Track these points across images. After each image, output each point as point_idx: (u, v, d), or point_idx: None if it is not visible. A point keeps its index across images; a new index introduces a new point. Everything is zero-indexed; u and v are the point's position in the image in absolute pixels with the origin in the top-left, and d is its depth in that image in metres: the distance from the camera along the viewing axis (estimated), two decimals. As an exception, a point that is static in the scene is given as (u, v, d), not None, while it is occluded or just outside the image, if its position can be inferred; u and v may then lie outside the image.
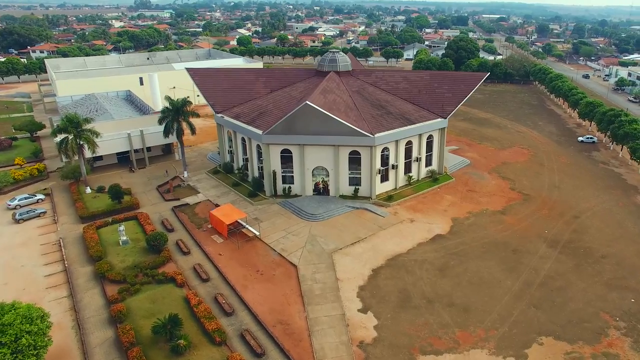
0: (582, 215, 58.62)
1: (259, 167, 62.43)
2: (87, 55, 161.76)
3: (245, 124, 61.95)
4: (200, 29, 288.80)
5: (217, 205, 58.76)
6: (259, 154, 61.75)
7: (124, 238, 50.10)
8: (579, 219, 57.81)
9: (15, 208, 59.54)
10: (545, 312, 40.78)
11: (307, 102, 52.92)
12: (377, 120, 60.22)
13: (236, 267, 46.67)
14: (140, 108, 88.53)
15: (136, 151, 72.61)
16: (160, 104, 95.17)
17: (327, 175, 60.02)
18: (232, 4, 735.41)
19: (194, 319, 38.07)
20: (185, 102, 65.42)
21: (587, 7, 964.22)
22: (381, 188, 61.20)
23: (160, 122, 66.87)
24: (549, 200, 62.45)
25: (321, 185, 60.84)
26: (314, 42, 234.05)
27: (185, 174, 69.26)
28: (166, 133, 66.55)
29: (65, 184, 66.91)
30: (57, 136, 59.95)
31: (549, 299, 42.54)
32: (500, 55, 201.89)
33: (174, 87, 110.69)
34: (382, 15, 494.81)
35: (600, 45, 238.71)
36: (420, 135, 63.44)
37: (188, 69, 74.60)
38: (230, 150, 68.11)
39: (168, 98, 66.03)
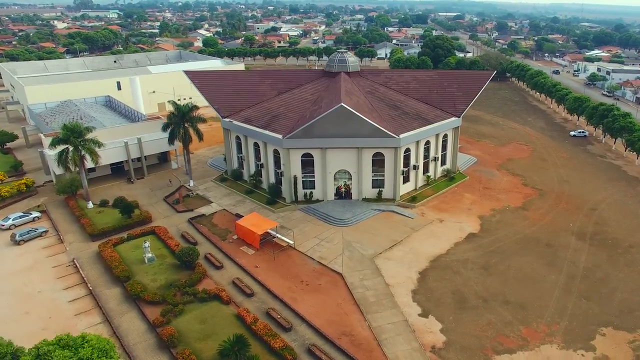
0: (598, 208, 61.92)
1: (277, 172, 61.33)
2: (40, 58, 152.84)
3: (260, 129, 60.74)
4: (157, 30, 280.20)
5: (239, 215, 57.26)
6: (276, 159, 60.75)
7: (150, 255, 47.75)
8: (596, 211, 61.03)
9: (10, 228, 55.42)
10: (596, 303, 42.72)
11: (342, 104, 52.67)
12: (396, 121, 60.88)
13: (277, 278, 45.63)
14: (127, 114, 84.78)
15: (132, 161, 69.41)
16: (143, 109, 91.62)
17: (350, 179, 59.96)
18: (180, 4, 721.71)
19: (255, 338, 36.79)
20: (192, 107, 63.29)
21: (534, 4, 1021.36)
22: (402, 189, 61.82)
23: (164, 128, 64.42)
24: (563, 195, 65.48)
25: (343, 189, 60.67)
26: (279, 42, 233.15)
27: (192, 183, 67.04)
28: (172, 140, 64.26)
29: (59, 199, 63.03)
30: (56, 147, 56.11)
31: (595, 290, 44.59)
32: (469, 52, 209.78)
33: (154, 92, 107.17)
34: (340, 15, 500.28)
35: (559, 42, 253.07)
36: (437, 135, 64.72)
37: (187, 72, 72.53)
38: (240, 156, 66.48)
39: (173, 103, 63.73)
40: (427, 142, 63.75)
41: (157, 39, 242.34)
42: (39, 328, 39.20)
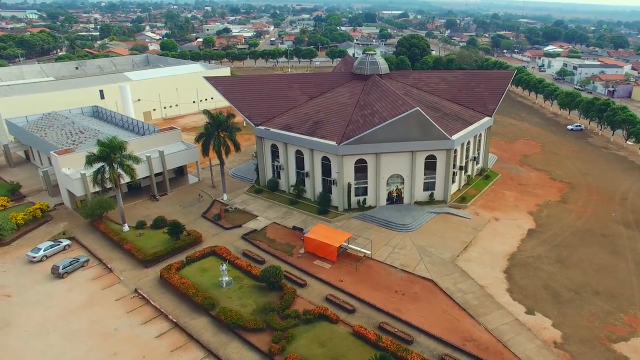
0: (628, 197, 67.68)
1: (324, 180, 61.16)
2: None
3: (307, 136, 60.33)
4: (97, 33, 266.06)
5: (296, 228, 56.63)
6: (324, 167, 60.59)
7: (227, 278, 46.04)
8: (627, 200, 66.67)
9: (41, 260, 51.12)
10: (673, 286, 46.91)
11: (418, 108, 53.64)
12: (442, 123, 62.77)
13: (369, 291, 45.77)
14: (125, 125, 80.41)
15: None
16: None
17: (402, 183, 61.11)
18: (104, 4, 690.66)
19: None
20: (229, 115, 61.58)
21: (466, 2, 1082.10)
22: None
23: (198, 139, 62.11)
24: (591, 187, 70.81)
25: (395, 194, 61.69)
26: (237, 44, 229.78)
27: (225, 197, 65.14)
28: (206, 151, 62.11)
29: (83, 223, 58.94)
30: (92, 165, 52.37)
31: (666, 275, 48.88)
32: (433, 51, 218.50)
33: (139, 100, 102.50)
34: (283, 14, 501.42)
35: (511, 38, 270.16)
36: (475, 135, 67.56)
37: (208, 78, 70.35)
38: (278, 165, 65.49)
39: (208, 112, 61.61)
40: (468, 142, 66.33)
41: (99, 42, 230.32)
42: (138, 368, 36.76)
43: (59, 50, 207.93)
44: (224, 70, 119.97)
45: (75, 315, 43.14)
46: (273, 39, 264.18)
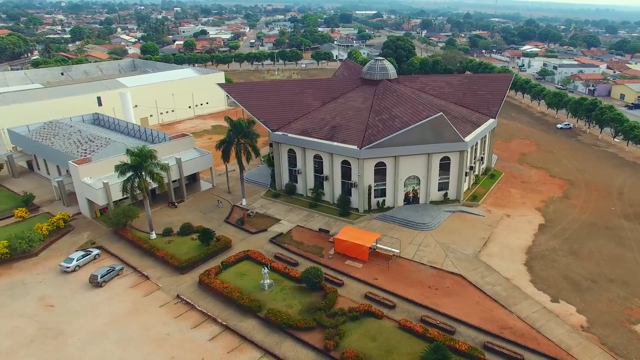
0: (624, 192, 73.58)
1: (344, 183, 64.37)
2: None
3: (327, 141, 63.41)
4: (69, 36, 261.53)
5: (322, 230, 59.59)
6: (344, 170, 63.79)
7: (269, 281, 48.62)
8: (624, 194, 72.52)
9: (74, 269, 52.52)
10: (677, 272, 52.23)
11: (442, 113, 57.43)
12: (454, 125, 66.91)
13: (405, 287, 49.20)
14: (132, 133, 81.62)
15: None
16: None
17: (418, 184, 64.92)
18: (64, 3, 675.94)
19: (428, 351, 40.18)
20: (250, 122, 64.05)
21: (435, 1, 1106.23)
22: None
23: (219, 146, 64.33)
24: (590, 183, 76.51)
25: (411, 195, 65.45)
26: (219, 47, 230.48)
27: (244, 202, 67.52)
28: (227, 157, 64.44)
29: (106, 232, 60.28)
30: (125, 175, 53.99)
31: (669, 262, 54.23)
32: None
33: (136, 106, 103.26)
34: (257, 15, 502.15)
35: (487, 38, 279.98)
36: (482, 136, 72.12)
37: (221, 85, 73.02)
38: (295, 170, 68.26)
39: (229, 119, 63.91)
40: (476, 143, 70.75)
41: (71, 45, 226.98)
42: (200, 370, 39.06)
43: (30, 54, 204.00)
44: (218, 75, 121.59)
45: (123, 322, 44.90)
46: (252, 40, 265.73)
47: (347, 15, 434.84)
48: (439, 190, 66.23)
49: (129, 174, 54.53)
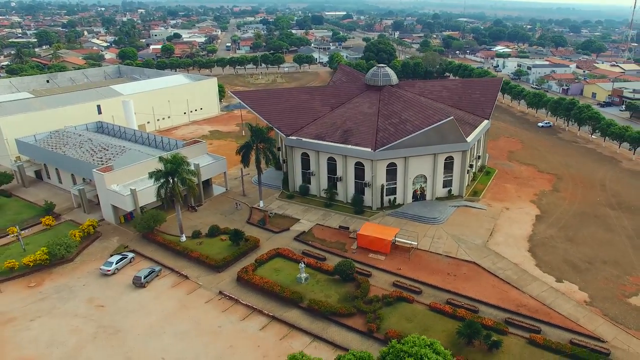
0: (605, 184, 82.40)
1: (357, 184, 70.27)
2: None
3: (341, 144, 69.16)
4: (34, 40, 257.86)
5: (342, 227, 65.29)
6: (357, 171, 69.71)
7: (305, 275, 53.96)
8: (606, 186, 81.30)
9: (114, 272, 56.46)
10: (659, 253, 60.57)
11: (453, 117, 64.00)
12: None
13: (427, 275, 55.47)
14: (142, 141, 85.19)
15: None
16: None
17: (425, 182, 71.53)
18: (14, 3, 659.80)
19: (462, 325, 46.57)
20: (269, 128, 69.09)
21: (401, 0, 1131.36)
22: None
23: (239, 151, 69.14)
24: (575, 177, 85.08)
25: (419, 192, 72.01)
26: (200, 51, 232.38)
27: (261, 204, 72.48)
28: (247, 162, 69.30)
29: (135, 236, 64.17)
30: (160, 181, 58.22)
31: (652, 244, 62.60)
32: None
33: (135, 113, 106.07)
34: (227, 16, 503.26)
35: (459, 38, 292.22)
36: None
37: (235, 93, 77.41)
38: (309, 172, 73.64)
39: (249, 125, 68.79)
40: (474, 143, 78.00)
41: (38, 50, 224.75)
42: (261, 356, 44.03)
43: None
44: (211, 81, 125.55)
45: (175, 318, 49.32)
46: (228, 44, 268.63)
47: (318, 17, 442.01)
48: (443, 187, 73.01)
49: (162, 180, 58.68)
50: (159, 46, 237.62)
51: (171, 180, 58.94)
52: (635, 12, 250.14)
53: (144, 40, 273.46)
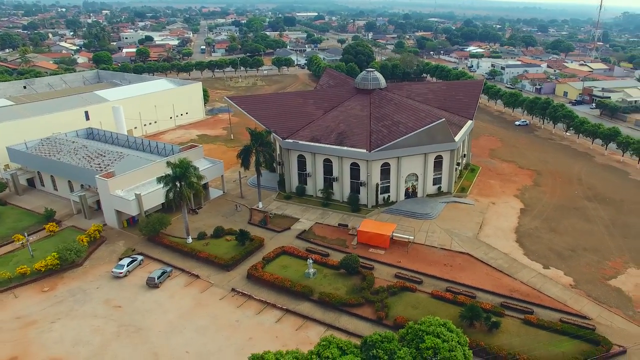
0: (581, 178, 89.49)
1: (352, 183, 74.82)
2: None
3: (337, 146, 73.60)
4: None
5: (342, 225, 69.69)
6: (353, 172, 74.29)
7: (313, 270, 58.09)
8: (582, 180, 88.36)
9: (125, 274, 59.29)
10: (635, 240, 67.20)
11: (444, 119, 69.16)
12: (441, 127, 79.38)
13: (425, 266, 60.43)
14: (136, 146, 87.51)
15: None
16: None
17: (416, 180, 76.69)
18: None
19: (461, 307, 51.61)
20: (268, 132, 72.97)
21: (370, 1, 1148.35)
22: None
23: (239, 155, 72.75)
24: (553, 172, 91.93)
25: (410, 189, 77.12)
26: (176, 55, 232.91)
27: (260, 205, 76.22)
28: (247, 165, 72.96)
29: (140, 240, 66.88)
30: (168, 186, 61.33)
31: (628, 233, 69.25)
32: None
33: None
34: (197, 18, 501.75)
35: (432, 39, 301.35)
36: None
37: (231, 98, 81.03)
38: (305, 173, 77.73)
39: (250, 129, 72.47)
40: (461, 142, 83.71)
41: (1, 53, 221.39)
42: (281, 345, 47.86)
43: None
44: (196, 86, 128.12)
45: (193, 315, 52.66)
46: (203, 47, 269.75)
47: (290, 18, 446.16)
48: (433, 184, 78.32)
49: (170, 184, 61.80)
50: (133, 49, 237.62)
51: (178, 184, 62.14)
52: (599, 12, 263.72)
53: (114, 43, 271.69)
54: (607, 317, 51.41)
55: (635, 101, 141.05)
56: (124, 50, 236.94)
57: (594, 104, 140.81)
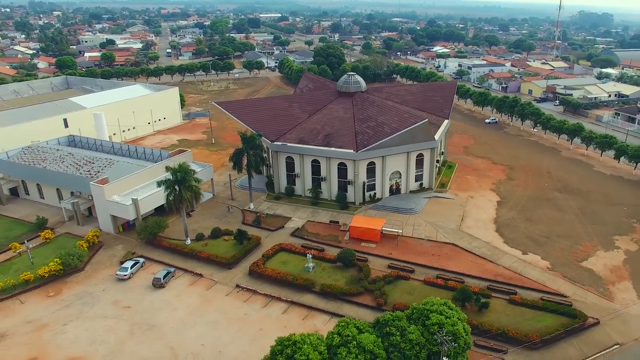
0: (550, 171, 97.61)
1: (340, 182, 79.93)
2: None
3: (325, 147, 78.54)
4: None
5: (333, 222, 74.63)
6: (340, 171, 79.40)
7: (312, 264, 62.78)
8: (551, 173, 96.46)
9: (129, 277, 62.36)
10: (602, 226, 74.97)
11: (427, 120, 74.99)
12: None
13: (415, 257, 66.07)
14: (122, 152, 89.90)
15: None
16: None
17: (400, 177, 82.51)
18: None
19: (452, 292, 57.40)
20: (259, 135, 77.19)
21: (332, 1, 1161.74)
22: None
23: (232, 158, 76.67)
24: (524, 166, 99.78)
25: (394, 186, 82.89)
26: (145, 60, 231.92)
27: (252, 206, 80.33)
28: (240, 167, 76.99)
29: (138, 243, 69.75)
30: (169, 190, 64.68)
31: (595, 220, 77.01)
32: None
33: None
34: (158, 21, 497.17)
35: (398, 39, 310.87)
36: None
37: (219, 103, 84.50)
38: (294, 174, 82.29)
39: (242, 134, 76.49)
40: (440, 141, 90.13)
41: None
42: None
43: None
44: (173, 91, 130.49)
45: (202, 311, 56.36)
46: (169, 50, 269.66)
47: (255, 20, 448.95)
48: (415, 181, 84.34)
49: (170, 188, 65.21)
50: (96, 53, 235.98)
51: (177, 188, 65.61)
52: (557, 11, 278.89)
53: (74, 47, 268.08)
54: (581, 294, 58.27)
55: (595, 98, 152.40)
56: (87, 55, 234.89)
57: (557, 101, 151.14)
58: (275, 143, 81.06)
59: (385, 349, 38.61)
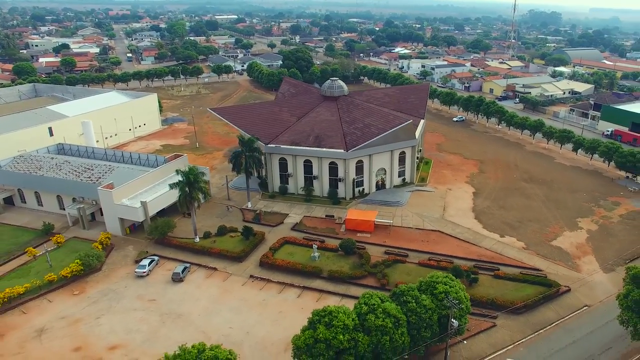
0: (517, 164, 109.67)
1: (331, 180, 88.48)
2: None
3: (317, 147, 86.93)
4: None
5: (328, 216, 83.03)
6: (332, 170, 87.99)
7: (317, 254, 70.96)
8: (518, 166, 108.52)
9: (148, 273, 68.61)
10: (566, 210, 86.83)
11: (411, 120, 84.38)
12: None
13: (406, 243, 75.36)
14: (116, 159, 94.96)
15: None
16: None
17: (385, 173, 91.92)
18: None
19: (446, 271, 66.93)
20: (255, 138, 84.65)
21: (285, 1, 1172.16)
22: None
23: (231, 160, 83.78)
24: (493, 160, 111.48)
25: (380, 182, 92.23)
26: (112, 67, 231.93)
27: (249, 204, 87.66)
28: (238, 169, 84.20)
29: (147, 243, 75.84)
30: (181, 191, 71.22)
31: (559, 205, 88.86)
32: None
33: (82, 134, 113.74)
34: (108, 22, 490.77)
35: (358, 41, 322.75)
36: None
37: (214, 109, 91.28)
38: (287, 174, 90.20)
39: (240, 137, 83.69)
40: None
41: None
42: (309, 314, 60.11)
43: None
44: (152, 97, 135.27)
45: (222, 300, 63.44)
46: (129, 54, 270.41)
47: (212, 22, 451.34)
48: (398, 176, 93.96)
49: (182, 190, 71.85)
50: (51, 59, 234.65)
51: (187, 189, 72.31)
52: (509, 10, 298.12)
53: (24, 51, 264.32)
54: (553, 268, 69.14)
55: (551, 95, 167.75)
56: (42, 60, 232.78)
57: (517, 99, 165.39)
58: (269, 145, 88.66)
59: (404, 313, 47.30)
